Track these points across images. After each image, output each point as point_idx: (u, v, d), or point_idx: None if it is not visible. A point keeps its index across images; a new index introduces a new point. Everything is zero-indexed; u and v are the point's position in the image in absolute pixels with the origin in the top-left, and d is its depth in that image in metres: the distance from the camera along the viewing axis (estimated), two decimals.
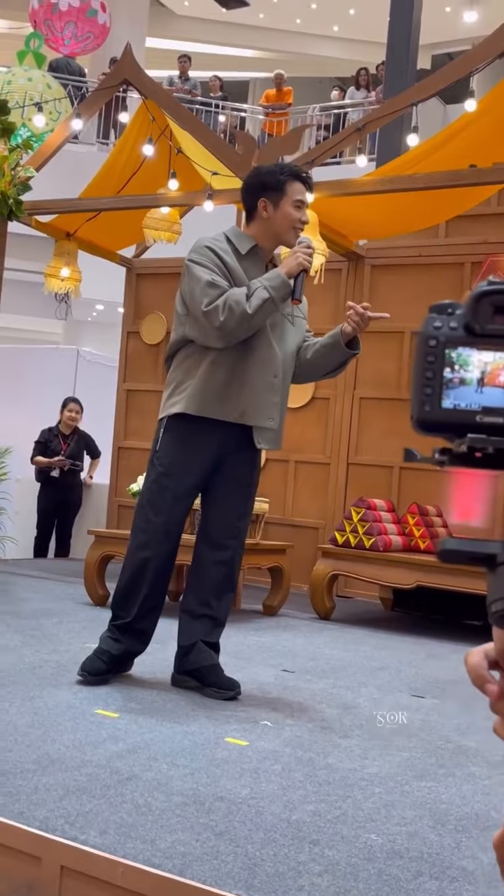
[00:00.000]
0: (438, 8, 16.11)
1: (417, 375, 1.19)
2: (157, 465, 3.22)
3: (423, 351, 1.19)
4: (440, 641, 4.90)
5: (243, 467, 3.26)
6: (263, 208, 3.19)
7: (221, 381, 3.12)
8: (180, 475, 3.19)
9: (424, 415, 1.24)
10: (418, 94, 5.51)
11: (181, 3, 18.47)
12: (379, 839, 1.99)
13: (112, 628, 3.24)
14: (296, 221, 3.18)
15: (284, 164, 3.34)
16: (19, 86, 11.79)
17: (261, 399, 3.15)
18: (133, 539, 3.25)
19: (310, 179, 3.24)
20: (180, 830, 1.93)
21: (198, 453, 3.18)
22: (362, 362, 6.77)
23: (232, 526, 3.28)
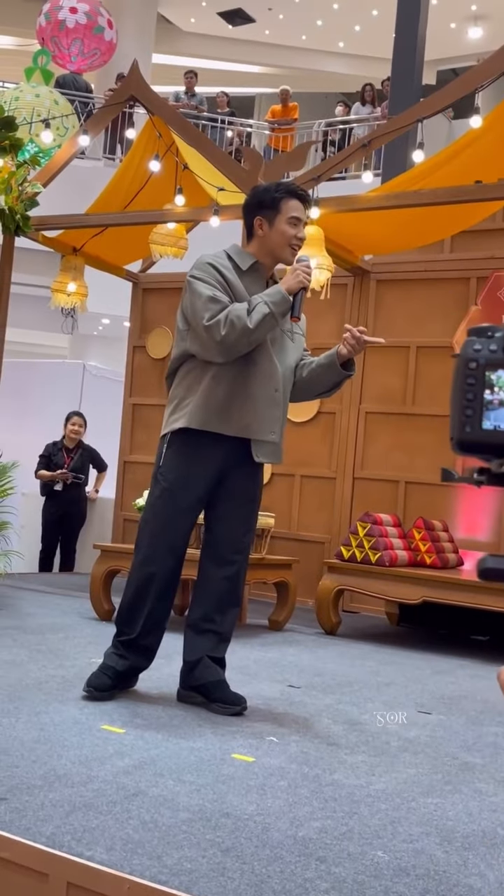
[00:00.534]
0: (443, 24, 16.21)
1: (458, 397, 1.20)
2: (160, 480, 3.24)
3: (463, 373, 1.20)
4: (446, 657, 4.89)
5: (247, 481, 3.27)
6: (259, 226, 3.21)
7: (223, 396, 3.13)
8: (184, 490, 3.20)
9: (465, 436, 1.25)
10: (424, 111, 5.53)
11: (187, 19, 18.61)
12: (385, 856, 1.98)
13: (117, 644, 3.24)
14: (291, 238, 3.18)
15: (282, 182, 3.35)
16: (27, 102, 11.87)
17: (263, 413, 3.17)
18: (137, 554, 3.26)
19: (307, 197, 3.26)
20: (187, 847, 1.93)
21: (201, 467, 3.19)
22: (368, 377, 6.78)
23: (237, 541, 3.28)
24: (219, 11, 18.05)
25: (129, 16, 15.78)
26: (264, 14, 18.04)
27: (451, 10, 16.13)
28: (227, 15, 18.15)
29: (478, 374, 1.06)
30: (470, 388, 1.08)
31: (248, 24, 18.46)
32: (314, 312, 6.33)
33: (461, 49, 17.38)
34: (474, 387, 1.08)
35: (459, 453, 1.37)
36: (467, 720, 3.40)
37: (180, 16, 18.46)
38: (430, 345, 6.56)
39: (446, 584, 5.06)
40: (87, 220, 6.75)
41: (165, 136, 6.30)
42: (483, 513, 6.24)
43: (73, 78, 13.67)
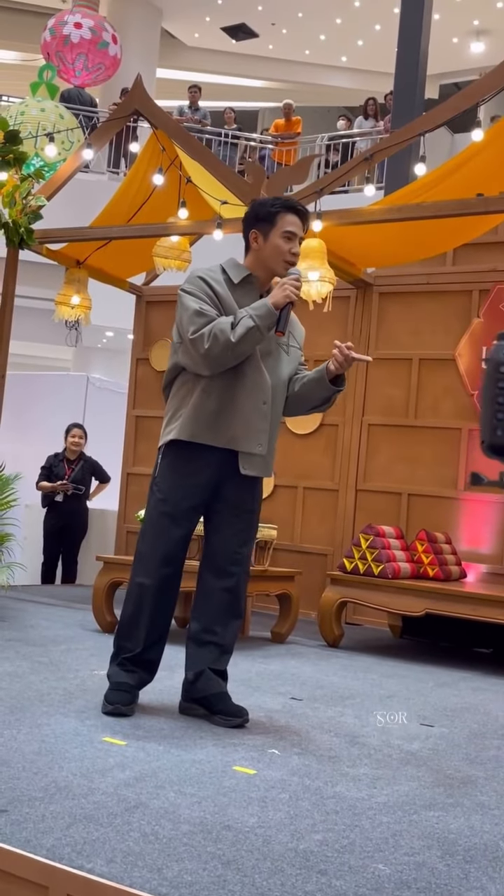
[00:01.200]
0: (446, 39, 16.30)
1: (488, 401, 1.22)
2: (155, 491, 3.25)
3: (493, 377, 1.21)
4: (449, 669, 4.88)
5: (243, 493, 3.27)
6: (254, 240, 3.23)
7: (212, 408, 3.15)
8: (177, 500, 3.20)
9: (495, 439, 1.27)
10: (426, 124, 5.56)
11: (191, 34, 18.72)
12: (387, 869, 1.98)
13: (123, 661, 3.23)
14: (285, 253, 3.18)
15: (281, 197, 3.36)
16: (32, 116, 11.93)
17: (250, 425, 3.16)
18: (134, 566, 3.27)
19: (305, 212, 3.25)
20: (187, 859, 1.92)
21: (194, 478, 3.20)
22: (371, 389, 6.79)
23: (234, 552, 3.28)
24: (222, 26, 18.16)
25: (134, 31, 15.89)
26: (267, 29, 18.14)
27: (453, 24, 16.22)
28: (231, 30, 18.25)
29: None
30: (501, 392, 1.10)
31: (252, 38, 18.56)
32: (316, 325, 6.36)
33: (463, 63, 17.46)
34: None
35: (490, 456, 1.39)
36: (470, 733, 3.39)
37: (184, 31, 18.57)
38: (433, 357, 6.57)
39: (449, 597, 5.05)
40: (90, 234, 6.78)
41: (169, 149, 6.33)
42: (486, 525, 6.24)
43: (78, 92, 13.75)
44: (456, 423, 6.41)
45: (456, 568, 5.79)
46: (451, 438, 6.42)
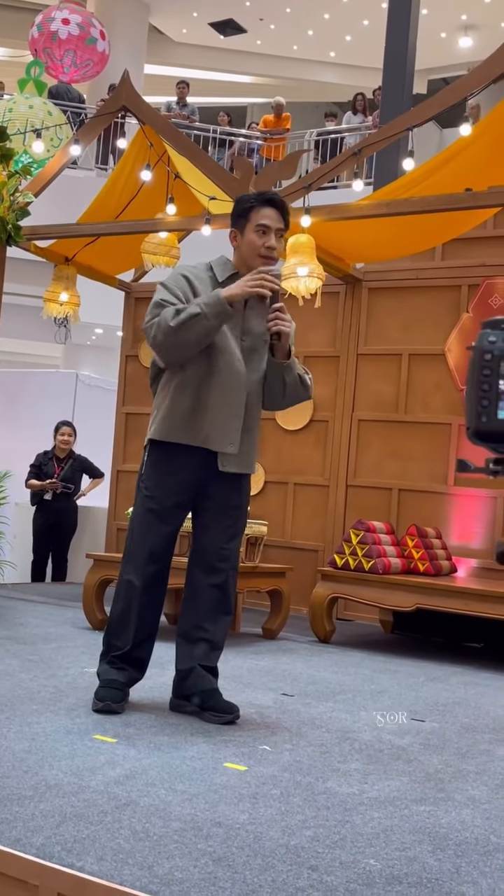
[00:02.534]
0: (434, 34, 16.29)
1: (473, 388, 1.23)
2: (142, 488, 3.25)
3: (478, 364, 1.23)
4: (440, 664, 4.88)
5: (229, 489, 3.25)
6: (233, 238, 3.22)
7: (186, 406, 3.15)
8: (162, 496, 3.20)
9: (481, 425, 1.28)
10: (414, 119, 5.56)
11: (179, 30, 18.67)
12: (378, 864, 1.97)
13: (112, 659, 3.23)
14: (259, 248, 3.14)
15: (258, 192, 3.33)
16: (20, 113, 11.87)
17: (222, 424, 3.14)
18: (122, 564, 3.26)
19: (281, 204, 3.19)
20: (178, 856, 1.92)
21: (177, 476, 3.18)
22: (361, 385, 6.79)
23: (221, 549, 3.27)
24: (210, 22, 18.11)
25: (121, 27, 15.84)
26: (256, 24, 18.10)
27: (441, 19, 16.22)
28: (219, 25, 18.21)
29: (493, 365, 1.10)
30: (486, 379, 1.11)
31: (240, 34, 18.52)
32: (306, 321, 6.35)
33: (452, 58, 17.46)
34: (490, 377, 1.11)
35: (476, 443, 1.40)
36: (461, 727, 3.40)
37: (172, 27, 18.52)
38: (422, 352, 6.57)
39: (440, 592, 5.05)
40: (79, 230, 6.75)
41: (157, 145, 6.32)
42: (476, 520, 6.25)
43: (67, 88, 13.70)
44: (446, 418, 6.41)
45: (446, 563, 5.80)
46: (441, 433, 6.43)
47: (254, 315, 3.24)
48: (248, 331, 3.23)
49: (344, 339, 6.84)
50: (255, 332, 3.24)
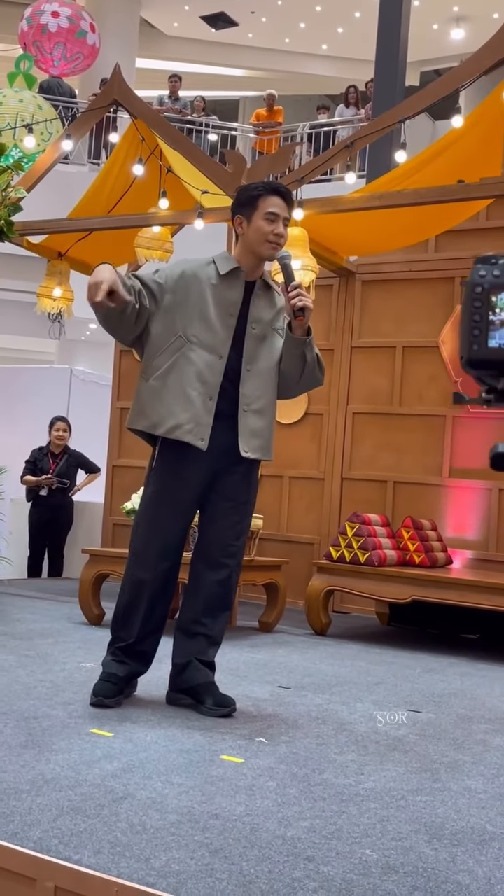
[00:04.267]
0: (426, 25, 16.26)
1: (466, 319, 1.28)
2: (151, 482, 3.23)
3: (470, 297, 1.28)
4: (436, 656, 4.90)
5: (238, 484, 3.26)
6: (238, 224, 3.23)
7: (152, 395, 3.16)
8: (174, 492, 3.19)
9: (472, 354, 1.35)
10: (407, 111, 5.55)
11: (170, 23, 18.62)
12: (374, 854, 1.98)
13: (115, 651, 3.23)
14: (268, 234, 3.17)
15: (262, 181, 3.35)
16: (10, 107, 11.83)
17: (194, 417, 3.11)
18: (130, 558, 3.25)
19: (287, 193, 3.23)
20: (175, 849, 1.92)
21: (189, 470, 3.18)
22: (355, 378, 6.79)
23: (229, 545, 3.27)
24: (202, 15, 18.06)
25: (112, 20, 15.78)
26: (247, 17, 18.06)
27: (433, 11, 16.18)
28: (210, 18, 18.15)
29: (483, 297, 1.15)
30: (476, 311, 1.17)
31: (231, 27, 18.48)
32: None
33: (444, 50, 17.43)
34: (480, 309, 1.17)
35: (468, 371, 1.47)
36: (457, 718, 3.41)
37: (163, 20, 18.47)
38: (416, 345, 6.58)
39: (436, 583, 5.06)
40: (71, 225, 6.74)
41: (149, 139, 6.30)
42: (471, 511, 6.26)
43: (58, 83, 13.65)
44: (440, 410, 6.42)
45: (442, 555, 5.81)
46: (435, 426, 6.43)
47: (262, 303, 3.25)
48: (257, 319, 3.23)
49: (338, 332, 6.84)
50: (264, 319, 3.25)
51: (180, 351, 3.14)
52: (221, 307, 3.18)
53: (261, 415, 3.23)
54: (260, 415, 3.23)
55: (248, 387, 3.20)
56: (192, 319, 3.15)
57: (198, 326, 3.14)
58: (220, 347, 3.16)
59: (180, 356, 3.13)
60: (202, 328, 3.14)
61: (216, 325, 3.16)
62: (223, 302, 3.18)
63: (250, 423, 3.20)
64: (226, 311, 3.18)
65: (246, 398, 3.19)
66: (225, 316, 3.18)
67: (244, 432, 3.18)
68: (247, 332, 3.20)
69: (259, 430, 3.23)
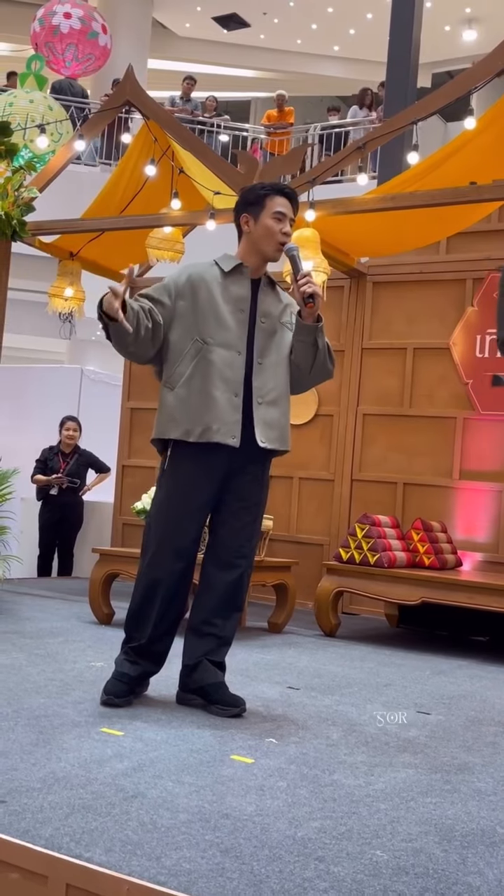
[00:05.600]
0: (438, 27, 16.25)
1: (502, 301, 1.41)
2: (164, 483, 3.24)
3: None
4: (446, 658, 4.89)
5: (250, 484, 3.27)
6: (245, 223, 3.25)
7: (182, 401, 3.16)
8: (188, 493, 3.19)
9: None
10: (419, 112, 5.54)
11: (182, 24, 18.64)
12: (384, 855, 1.98)
13: (128, 651, 3.24)
14: (276, 233, 3.20)
15: (268, 182, 3.37)
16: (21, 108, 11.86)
17: (222, 417, 3.12)
18: (143, 558, 3.25)
19: (293, 194, 3.26)
20: (186, 848, 1.93)
21: (203, 470, 3.18)
22: (365, 379, 6.79)
23: (240, 545, 3.28)
24: (214, 16, 18.08)
25: (124, 21, 15.82)
26: (259, 18, 18.07)
27: (445, 12, 16.18)
28: (222, 20, 18.18)
29: None
30: None
31: (243, 28, 18.50)
32: None
33: (456, 52, 17.42)
34: None
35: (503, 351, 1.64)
36: (466, 720, 3.41)
37: (175, 21, 18.50)
38: (427, 346, 6.57)
39: (445, 585, 5.06)
40: (83, 225, 6.76)
41: (161, 140, 6.31)
42: (481, 513, 6.25)
43: (70, 83, 13.68)
44: (451, 412, 6.41)
45: (452, 556, 5.80)
46: (446, 427, 6.43)
47: (269, 299, 3.27)
48: (266, 314, 3.25)
49: (349, 334, 6.84)
50: (273, 314, 3.26)
51: (200, 354, 3.15)
52: (231, 304, 3.19)
53: (275, 405, 3.24)
54: (274, 405, 3.24)
55: (261, 379, 3.21)
56: (205, 321, 3.16)
57: (212, 326, 3.16)
58: (237, 343, 3.18)
59: (200, 359, 3.14)
60: (216, 327, 3.16)
61: (229, 322, 3.17)
62: (232, 298, 3.20)
63: (265, 414, 3.21)
64: (236, 307, 3.20)
65: (259, 391, 3.20)
66: (236, 312, 3.19)
67: (260, 424, 3.19)
68: (256, 326, 3.22)
69: (274, 421, 3.24)
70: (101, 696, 3.15)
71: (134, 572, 4.74)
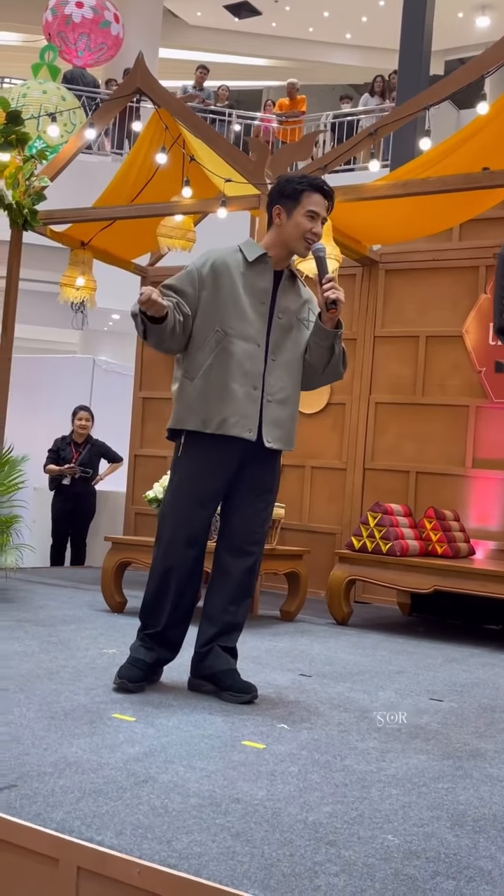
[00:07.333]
0: (451, 14, 16.13)
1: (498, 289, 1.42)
2: (176, 473, 3.24)
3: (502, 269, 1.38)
4: (458, 646, 4.88)
5: (263, 472, 3.27)
6: (277, 215, 3.22)
7: (199, 392, 3.15)
8: (201, 481, 3.19)
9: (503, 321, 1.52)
10: (431, 98, 5.51)
11: (194, 13, 18.58)
12: (396, 840, 1.98)
13: (143, 637, 3.24)
14: (306, 232, 3.17)
15: (308, 175, 3.33)
16: (34, 98, 11.87)
17: (239, 409, 3.12)
18: (157, 547, 3.25)
19: (331, 192, 3.23)
20: (196, 831, 1.93)
21: (216, 459, 3.18)
22: (378, 367, 6.77)
23: (254, 532, 3.28)
24: (225, 4, 18.01)
25: (135, 10, 15.77)
26: (270, 6, 17.99)
27: None
28: (234, 8, 18.11)
29: None
30: None
31: (255, 16, 18.42)
32: None
33: (469, 38, 17.30)
34: None
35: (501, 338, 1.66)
36: (479, 707, 3.40)
37: (186, 9, 18.43)
38: (440, 334, 6.54)
39: (458, 574, 5.04)
40: (94, 214, 6.74)
41: (172, 128, 6.29)
42: (494, 502, 6.22)
43: (81, 73, 13.67)
44: (463, 400, 6.38)
45: (464, 545, 5.78)
46: (458, 415, 6.40)
47: (289, 294, 3.25)
48: (284, 309, 3.24)
49: (361, 322, 6.82)
50: (291, 310, 3.25)
51: (220, 345, 3.14)
52: (253, 295, 3.18)
53: (284, 405, 3.24)
54: (283, 405, 3.23)
55: (273, 377, 3.20)
56: (227, 311, 3.14)
57: (233, 318, 3.14)
58: (257, 336, 3.17)
59: (221, 350, 3.14)
60: (237, 319, 3.14)
61: (250, 314, 3.16)
62: (254, 290, 3.18)
63: (274, 413, 3.20)
64: (257, 300, 3.18)
65: (270, 388, 3.19)
66: (257, 304, 3.18)
67: (267, 422, 3.19)
68: (273, 321, 3.21)
69: (281, 421, 3.23)
70: (114, 679, 3.16)
71: (146, 561, 4.75)
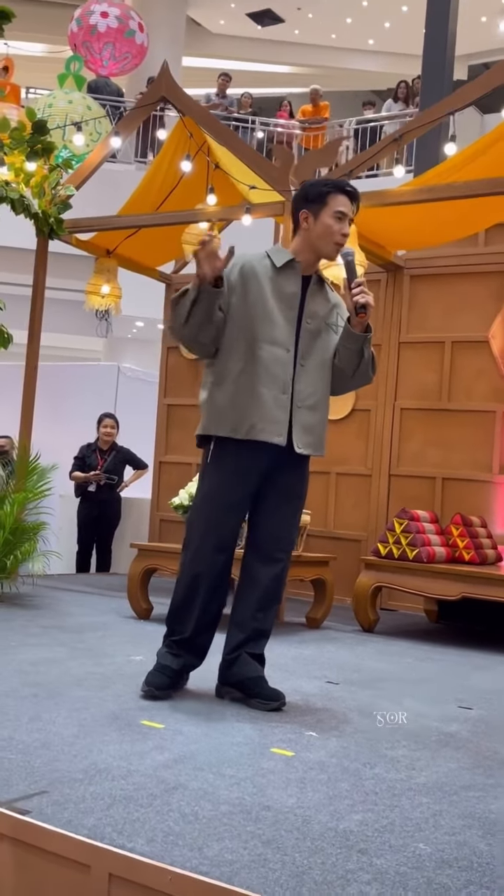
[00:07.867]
0: (474, 18, 16.09)
1: None
2: (206, 480, 3.24)
3: None
4: (486, 653, 4.85)
5: (292, 478, 3.26)
6: (304, 219, 3.22)
7: (228, 399, 3.15)
8: (230, 487, 3.19)
9: None
10: (455, 103, 5.50)
11: (217, 21, 18.65)
12: (427, 848, 1.97)
13: (171, 644, 3.24)
14: (335, 233, 3.18)
15: (331, 179, 3.34)
16: (60, 109, 11.93)
17: (267, 415, 3.12)
18: (185, 553, 3.25)
19: (355, 193, 3.23)
20: (227, 839, 1.93)
21: (245, 465, 3.18)
22: (403, 373, 6.75)
23: (282, 538, 3.28)
24: (248, 12, 18.08)
25: (159, 19, 15.85)
26: (293, 14, 18.03)
27: (481, 3, 16.00)
28: (256, 16, 18.17)
29: None
30: None
31: (278, 24, 18.47)
32: None
33: (492, 43, 17.24)
34: None
35: None
36: None
37: (209, 18, 18.51)
38: (465, 339, 6.51)
39: (486, 580, 5.01)
40: (119, 222, 6.78)
41: (196, 135, 6.32)
42: None
43: (106, 82, 13.75)
44: (490, 405, 6.35)
45: (492, 552, 5.74)
46: (485, 421, 6.37)
47: (318, 298, 3.25)
48: (312, 314, 3.23)
49: (386, 327, 6.80)
50: (319, 314, 3.25)
51: (250, 350, 3.13)
52: (282, 301, 3.18)
53: (314, 411, 3.23)
54: (313, 411, 3.23)
55: (302, 383, 3.19)
56: (255, 317, 3.14)
57: (262, 323, 3.14)
58: (286, 341, 3.17)
59: (250, 356, 3.13)
60: (266, 324, 3.14)
61: (279, 320, 3.16)
62: (282, 295, 3.18)
63: (304, 418, 3.20)
64: (286, 305, 3.18)
65: (300, 394, 3.18)
66: (286, 309, 3.18)
67: (297, 428, 3.18)
68: (302, 326, 3.20)
69: (312, 426, 3.23)
70: (142, 686, 3.16)
71: (172, 567, 4.76)
